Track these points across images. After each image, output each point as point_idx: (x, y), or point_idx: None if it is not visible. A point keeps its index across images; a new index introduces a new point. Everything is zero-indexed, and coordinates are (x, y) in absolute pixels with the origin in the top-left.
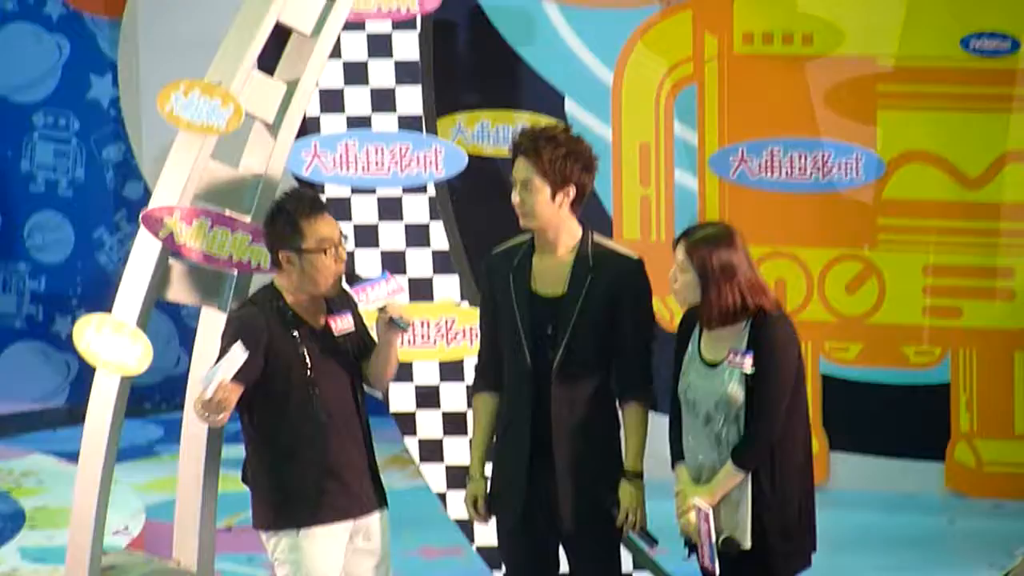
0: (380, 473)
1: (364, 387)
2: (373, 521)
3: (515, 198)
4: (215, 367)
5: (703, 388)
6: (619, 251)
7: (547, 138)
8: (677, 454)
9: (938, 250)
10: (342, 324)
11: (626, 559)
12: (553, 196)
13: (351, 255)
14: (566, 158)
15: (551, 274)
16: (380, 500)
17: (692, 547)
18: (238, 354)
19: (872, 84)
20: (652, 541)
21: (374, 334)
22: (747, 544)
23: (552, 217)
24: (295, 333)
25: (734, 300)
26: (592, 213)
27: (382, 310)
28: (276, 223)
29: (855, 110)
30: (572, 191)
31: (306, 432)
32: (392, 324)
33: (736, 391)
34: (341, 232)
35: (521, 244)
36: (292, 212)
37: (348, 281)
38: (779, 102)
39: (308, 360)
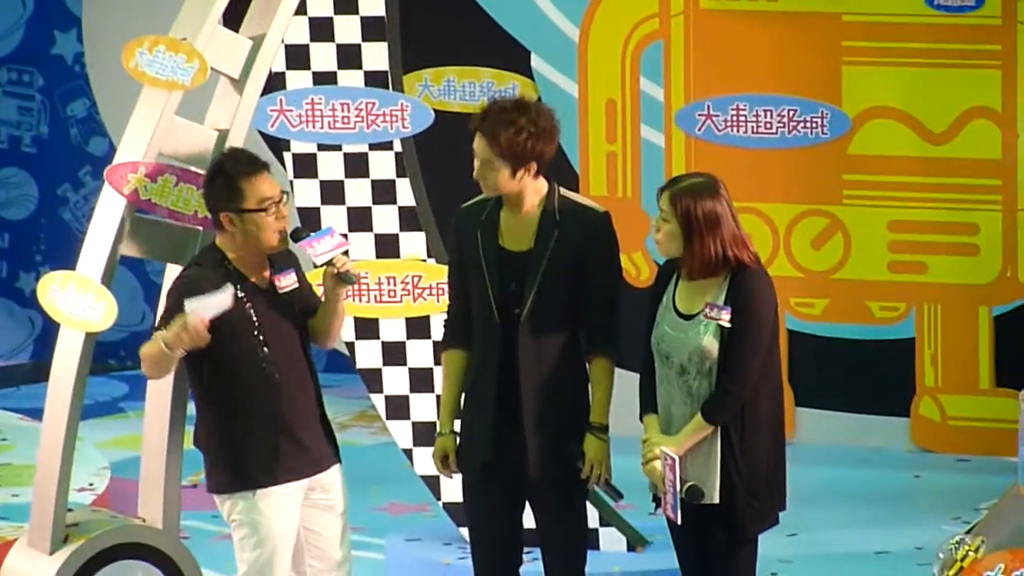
0: (336, 429)
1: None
2: (329, 475)
3: (476, 172)
4: (201, 299)
5: (677, 340)
6: (586, 204)
7: (506, 122)
8: (646, 405)
9: (903, 206)
10: (286, 281)
11: (592, 516)
12: (513, 173)
13: (315, 211)
14: (526, 141)
15: (518, 229)
16: (335, 454)
17: (657, 499)
18: (227, 296)
19: (837, 40)
20: (617, 494)
21: (318, 290)
22: (715, 498)
23: (514, 188)
24: (241, 293)
25: (716, 251)
26: (559, 169)
27: (329, 264)
28: (215, 184)
29: (820, 66)
30: (533, 166)
31: (258, 392)
32: (340, 278)
33: (711, 344)
34: (283, 189)
35: (488, 199)
36: (231, 173)
37: (291, 237)
38: (745, 58)
39: (256, 319)
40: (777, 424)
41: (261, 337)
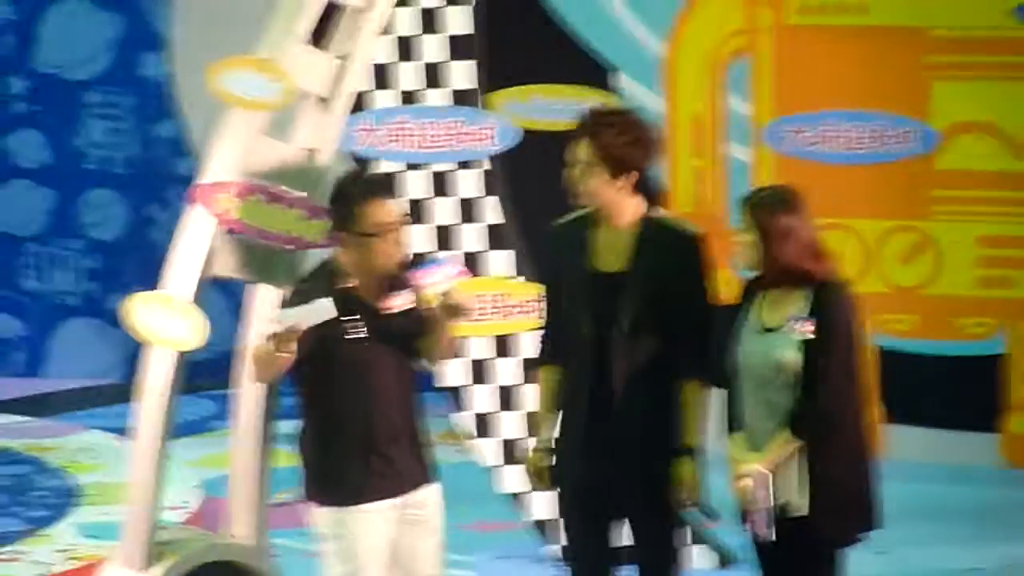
0: (431, 448)
1: (416, 363)
2: (423, 493)
3: (572, 176)
4: (298, 310)
5: (760, 354)
6: (680, 226)
7: (609, 124)
8: (732, 423)
9: (992, 220)
10: (397, 301)
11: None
12: (613, 179)
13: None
14: (628, 145)
15: (612, 249)
16: (429, 474)
17: (746, 517)
18: (324, 307)
19: (925, 55)
20: (715, 515)
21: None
22: (805, 509)
23: (610, 197)
24: (350, 310)
25: (791, 259)
26: (646, 186)
27: (445, 294)
28: (335, 204)
29: (908, 81)
30: (633, 176)
31: (353, 409)
32: (453, 309)
33: (793, 357)
34: (404, 215)
35: (582, 217)
36: (348, 195)
37: (413, 264)
38: (833, 73)
39: (360, 338)
40: (863, 438)
41: (363, 356)
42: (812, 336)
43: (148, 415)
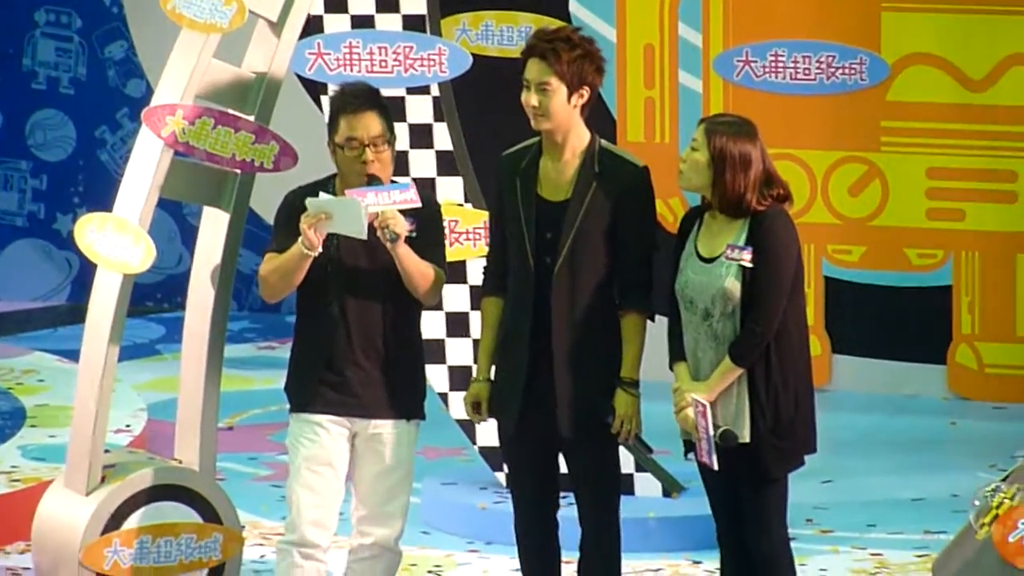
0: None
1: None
2: (384, 427)
3: (531, 99)
4: (327, 199)
5: (700, 284)
6: (625, 157)
7: (563, 39)
8: (675, 352)
9: (941, 153)
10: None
11: (628, 461)
12: (568, 98)
13: None
14: (582, 59)
15: (557, 178)
16: (396, 409)
17: (689, 445)
18: (353, 201)
19: None
20: (647, 449)
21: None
22: (745, 437)
23: (566, 119)
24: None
25: (743, 188)
26: (596, 115)
27: (379, 215)
28: (329, 113)
29: (859, 12)
30: (586, 93)
31: (318, 322)
32: (382, 232)
33: (733, 286)
34: (380, 135)
35: (529, 147)
36: (334, 104)
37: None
38: (783, 4)
39: (335, 253)
40: (803, 365)
41: (331, 270)
42: (750, 265)
43: (94, 337)
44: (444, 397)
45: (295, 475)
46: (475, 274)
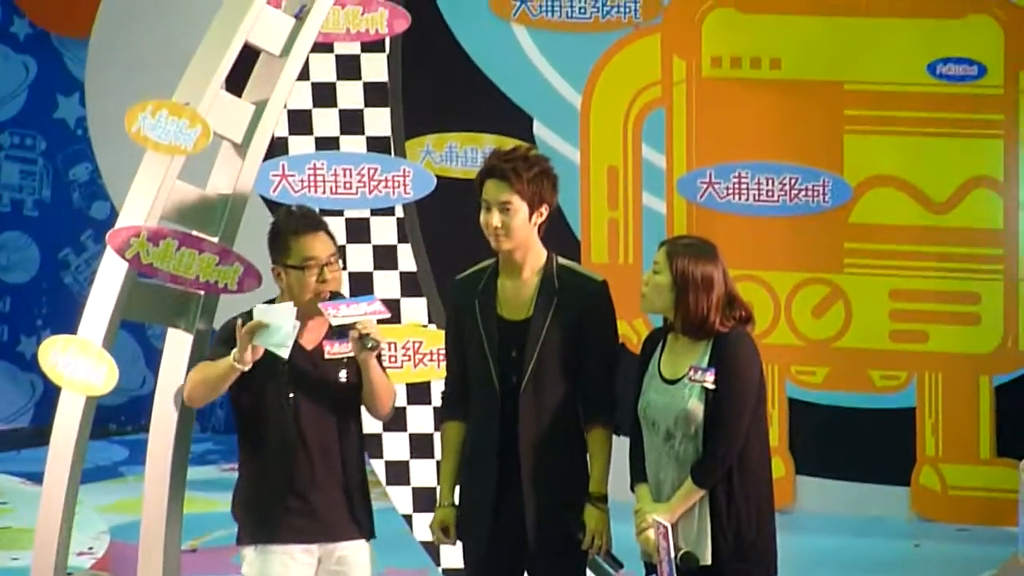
0: (369, 505)
1: (360, 417)
2: (348, 549)
3: (492, 220)
4: (264, 307)
5: (663, 405)
6: (584, 273)
7: (521, 158)
8: (637, 474)
9: (904, 274)
10: (338, 348)
11: None
12: (529, 216)
13: None
14: (540, 177)
15: (517, 298)
16: (359, 529)
17: (651, 567)
18: (288, 309)
19: (839, 109)
20: (617, 564)
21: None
22: (707, 559)
23: (526, 238)
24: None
25: (706, 311)
26: (561, 236)
27: (353, 327)
28: (271, 237)
29: (822, 134)
30: (545, 211)
31: (276, 447)
32: (361, 342)
33: (696, 407)
34: (334, 253)
35: (484, 268)
36: (280, 227)
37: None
38: (747, 126)
39: (288, 376)
40: (765, 487)
41: (291, 395)
42: (713, 386)
43: (57, 459)
44: (408, 519)
45: None
46: (439, 395)
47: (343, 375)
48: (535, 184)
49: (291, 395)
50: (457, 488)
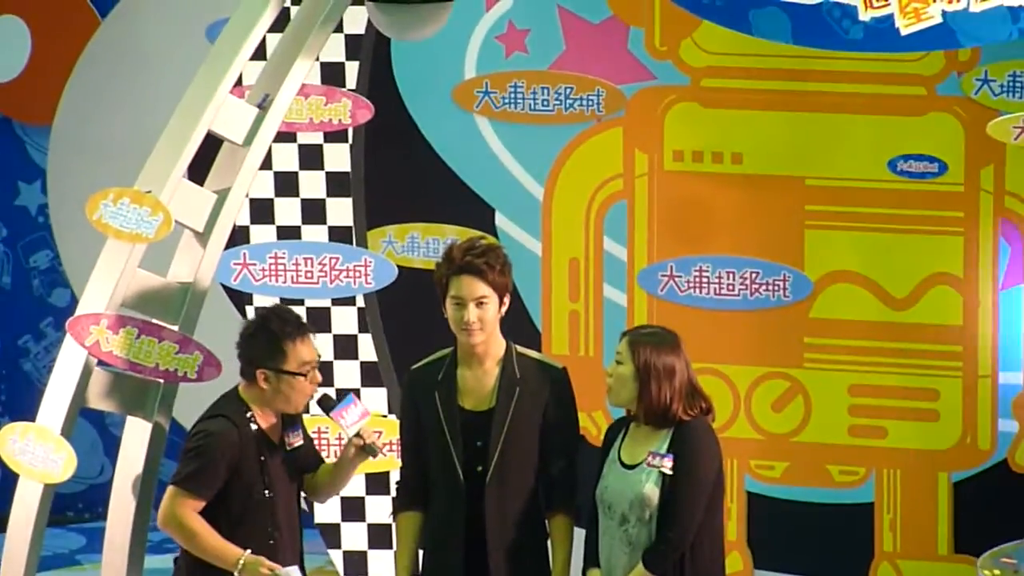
0: None
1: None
2: None
3: (469, 315)
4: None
5: (619, 489)
6: (544, 361)
7: (491, 252)
8: (590, 558)
9: (864, 370)
10: (294, 439)
11: None
12: (499, 308)
13: None
14: (504, 268)
15: (479, 388)
16: None
17: None
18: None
19: (800, 204)
20: None
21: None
22: None
23: (495, 329)
24: (262, 458)
25: (668, 399)
26: (522, 327)
27: (357, 435)
28: (257, 340)
29: (784, 229)
30: (507, 300)
31: (256, 548)
32: (364, 451)
33: (652, 492)
34: (318, 353)
35: (443, 358)
36: (276, 332)
37: (319, 405)
38: (708, 219)
39: (269, 481)
40: (717, 573)
41: (270, 495)
42: (670, 472)
43: (15, 547)
44: None
45: None
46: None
47: (297, 463)
48: (503, 276)
49: (267, 492)
50: None
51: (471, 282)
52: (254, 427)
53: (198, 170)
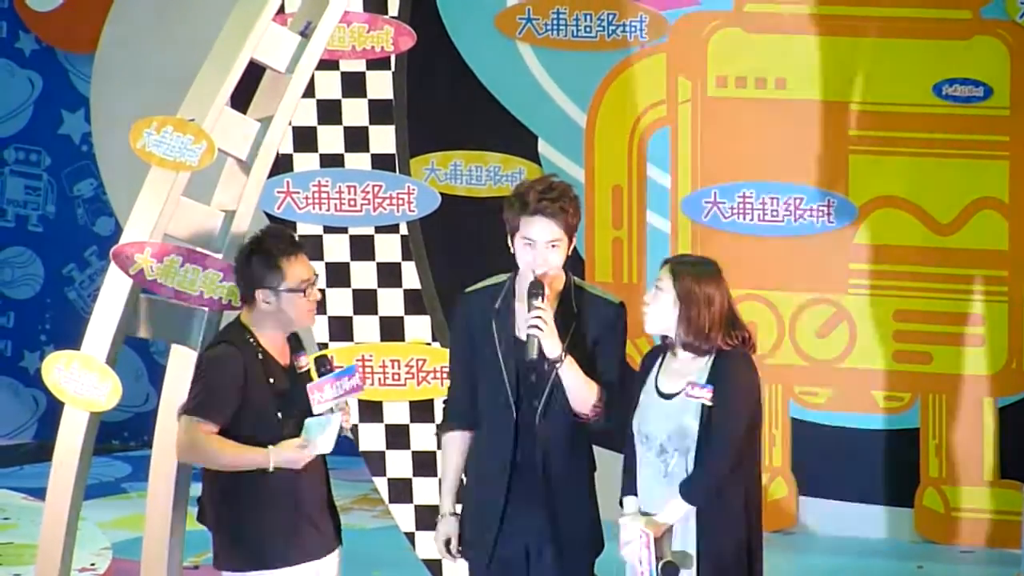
0: (339, 510)
1: None
2: (331, 558)
3: (548, 258)
4: (320, 423)
5: (658, 420)
6: (600, 296)
7: (568, 196)
8: (627, 487)
9: (909, 295)
10: (304, 361)
11: None
12: (568, 248)
13: (323, 292)
14: (576, 211)
15: None
16: (338, 537)
17: None
18: (338, 421)
19: (844, 129)
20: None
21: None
22: (692, 571)
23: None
24: (271, 379)
25: (708, 326)
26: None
27: (340, 408)
28: (253, 261)
29: (828, 155)
30: (575, 239)
31: (278, 474)
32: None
33: (691, 423)
34: (314, 271)
35: (499, 285)
36: (271, 251)
37: (315, 364)
38: (752, 146)
39: (280, 403)
40: (753, 508)
41: (280, 416)
42: (710, 403)
43: (61, 475)
44: (411, 537)
45: None
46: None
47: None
48: (576, 217)
49: (279, 413)
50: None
51: (545, 224)
52: (259, 351)
53: (241, 98)
